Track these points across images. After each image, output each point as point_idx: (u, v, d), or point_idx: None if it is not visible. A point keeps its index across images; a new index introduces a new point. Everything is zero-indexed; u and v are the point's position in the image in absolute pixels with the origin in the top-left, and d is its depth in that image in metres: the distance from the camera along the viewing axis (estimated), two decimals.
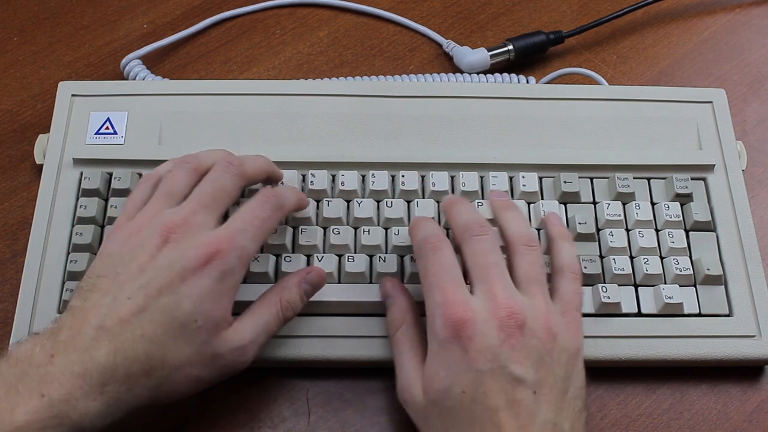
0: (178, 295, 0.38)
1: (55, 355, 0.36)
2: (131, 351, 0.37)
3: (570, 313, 0.41)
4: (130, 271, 0.38)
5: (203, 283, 0.38)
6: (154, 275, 0.38)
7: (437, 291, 0.39)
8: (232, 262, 0.39)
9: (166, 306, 0.37)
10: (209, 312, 0.38)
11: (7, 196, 0.54)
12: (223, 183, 0.42)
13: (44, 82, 0.59)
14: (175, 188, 0.42)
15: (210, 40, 0.62)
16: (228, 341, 0.39)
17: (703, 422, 0.47)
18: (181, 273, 0.38)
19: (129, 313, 0.37)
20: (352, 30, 0.63)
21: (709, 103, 0.54)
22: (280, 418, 0.46)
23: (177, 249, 0.39)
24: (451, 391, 0.37)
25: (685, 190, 0.50)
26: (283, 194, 0.43)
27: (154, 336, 0.37)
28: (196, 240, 0.39)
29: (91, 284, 0.39)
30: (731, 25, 0.64)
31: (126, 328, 0.37)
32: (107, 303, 0.37)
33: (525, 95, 0.54)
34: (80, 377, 0.35)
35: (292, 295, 0.43)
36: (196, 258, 0.38)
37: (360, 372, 0.47)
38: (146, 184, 0.44)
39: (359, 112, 0.52)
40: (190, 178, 0.43)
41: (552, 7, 0.65)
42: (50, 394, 0.35)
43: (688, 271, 0.48)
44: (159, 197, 0.42)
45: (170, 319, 0.37)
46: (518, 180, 0.50)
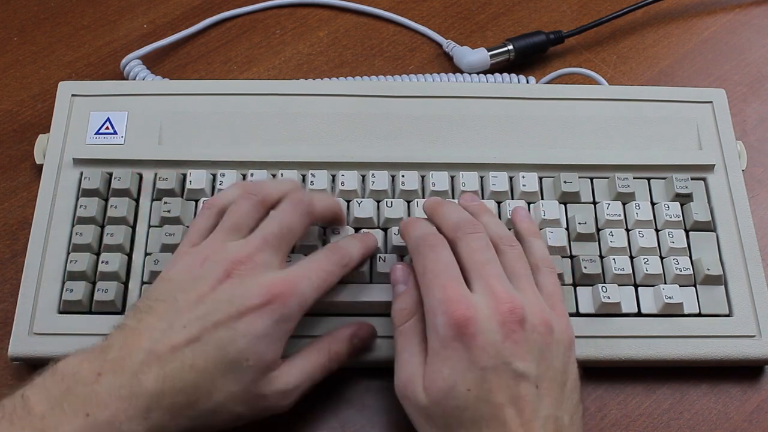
0: (235, 331, 0.37)
1: (103, 374, 0.36)
2: (179, 380, 0.36)
3: (557, 305, 0.41)
4: (189, 299, 0.38)
5: (261, 324, 0.38)
6: (212, 308, 0.38)
7: (437, 288, 0.39)
8: (292, 308, 0.39)
9: (221, 340, 0.37)
10: (262, 353, 0.38)
11: (7, 196, 0.54)
12: (290, 222, 0.42)
13: (44, 82, 0.59)
14: (242, 221, 0.42)
15: (210, 40, 0.62)
16: (274, 384, 0.39)
17: (703, 422, 0.47)
18: (241, 310, 0.38)
19: (182, 341, 0.37)
20: (352, 30, 0.63)
21: (709, 103, 0.54)
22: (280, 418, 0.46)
23: (239, 285, 0.39)
24: (455, 389, 0.37)
25: (685, 190, 0.50)
26: (351, 253, 0.44)
27: (204, 368, 0.37)
28: (260, 279, 0.39)
29: (148, 306, 0.39)
30: (731, 25, 0.65)
31: (177, 357, 0.37)
32: (162, 328, 0.37)
33: (525, 95, 0.54)
34: (126, 400, 0.35)
35: (341, 347, 0.43)
36: (257, 297, 0.38)
37: (360, 372, 0.47)
38: (210, 212, 0.43)
39: (359, 112, 0.52)
40: (257, 212, 0.43)
41: (552, 7, 0.65)
42: (95, 415, 0.35)
43: (688, 271, 0.48)
44: (225, 230, 0.42)
45: (222, 354, 0.37)
46: (518, 180, 0.50)
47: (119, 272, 0.47)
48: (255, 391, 0.39)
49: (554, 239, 0.48)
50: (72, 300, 0.46)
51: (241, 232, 0.42)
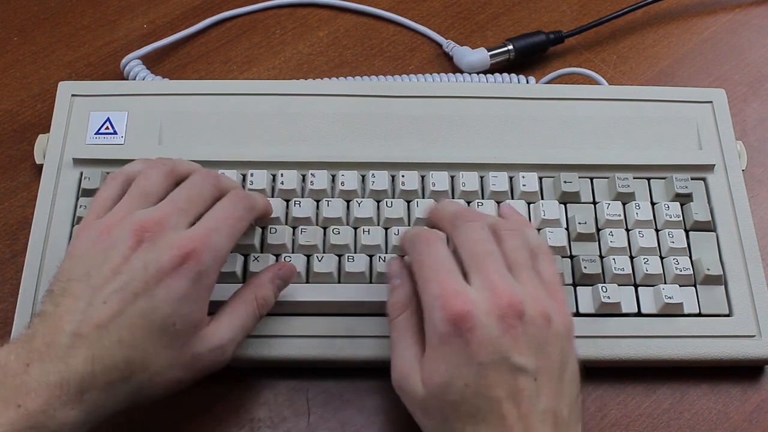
0: (155, 298, 0.37)
1: (31, 364, 0.35)
2: (109, 358, 0.36)
3: (556, 293, 0.41)
4: (103, 273, 0.37)
5: (179, 285, 0.37)
6: (129, 278, 0.37)
7: (434, 283, 0.39)
8: (207, 263, 0.38)
9: (143, 310, 0.37)
10: (187, 314, 0.38)
11: (7, 196, 0.54)
12: (200, 190, 0.41)
13: (44, 82, 0.59)
14: (149, 189, 0.41)
15: (210, 40, 0.62)
16: (207, 342, 0.39)
17: (703, 422, 0.47)
18: (156, 275, 0.37)
19: (105, 318, 0.36)
20: (352, 30, 0.63)
21: (709, 103, 0.54)
22: (280, 418, 0.46)
23: (151, 250, 0.38)
24: (453, 384, 0.37)
25: (685, 190, 0.50)
26: (253, 196, 0.44)
27: (132, 341, 0.36)
28: (171, 240, 0.38)
29: (62, 288, 0.38)
30: (731, 25, 0.65)
31: (103, 335, 0.36)
32: (81, 308, 0.36)
33: (525, 95, 0.54)
34: (57, 387, 0.35)
35: (266, 291, 0.43)
36: (170, 259, 0.37)
37: (360, 372, 0.47)
38: (114, 182, 0.42)
39: (359, 112, 0.52)
40: (165, 181, 0.42)
41: (552, 7, 0.65)
42: (27, 405, 0.34)
43: (688, 271, 0.48)
44: (132, 197, 0.41)
45: (148, 323, 0.37)
46: (518, 180, 0.50)
47: None
48: (189, 352, 0.38)
49: (554, 239, 0.48)
50: None
51: (148, 199, 0.41)
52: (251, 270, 0.46)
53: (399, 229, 0.48)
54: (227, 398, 0.46)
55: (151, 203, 0.41)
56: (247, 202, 0.42)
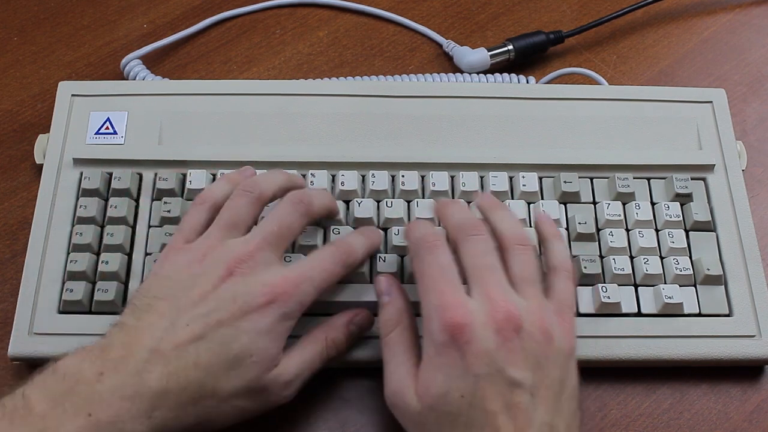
0: (238, 329, 0.38)
1: (105, 374, 0.35)
2: (184, 378, 0.36)
3: (564, 312, 0.41)
4: (190, 297, 0.38)
5: (264, 321, 0.38)
6: (215, 306, 0.38)
7: (434, 293, 0.39)
8: (294, 307, 0.40)
9: (225, 337, 0.38)
10: (265, 349, 0.39)
11: (7, 196, 0.54)
12: (290, 222, 0.42)
13: (44, 82, 0.59)
14: (239, 219, 0.42)
15: (210, 40, 0.62)
16: (277, 377, 0.40)
17: (703, 422, 0.47)
18: (244, 308, 0.38)
19: (186, 339, 0.37)
20: (352, 30, 0.63)
21: (709, 103, 0.54)
22: (280, 418, 0.46)
23: (242, 284, 0.39)
24: (449, 396, 0.37)
25: (685, 190, 0.50)
26: (355, 251, 0.43)
27: (208, 366, 0.37)
28: (263, 278, 0.39)
29: (147, 304, 0.38)
30: (731, 25, 0.65)
31: (181, 355, 0.37)
32: (164, 326, 0.37)
33: (525, 95, 0.54)
34: (129, 400, 0.35)
35: (338, 335, 0.43)
36: (261, 296, 0.38)
37: (360, 372, 0.47)
38: (201, 207, 0.43)
39: (359, 112, 0.52)
40: (254, 209, 0.43)
41: (552, 7, 0.65)
42: (97, 415, 0.34)
43: (688, 271, 0.48)
44: (221, 227, 0.42)
45: (226, 351, 0.37)
46: (518, 180, 0.50)
47: (119, 272, 0.47)
48: (258, 385, 0.39)
49: None
50: (72, 300, 0.46)
51: (238, 229, 0.42)
52: None
53: (399, 229, 0.48)
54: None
55: (240, 233, 0.42)
56: (347, 258, 0.43)
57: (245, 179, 0.44)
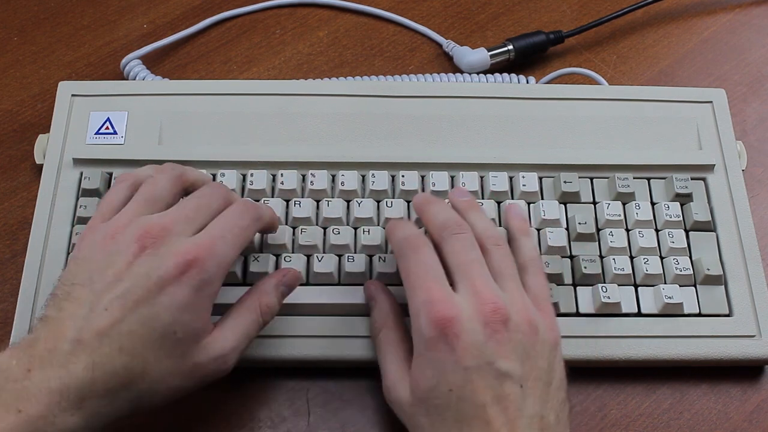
0: (157, 306, 0.36)
1: (32, 370, 0.35)
2: (110, 365, 0.36)
3: (543, 305, 0.41)
4: (105, 279, 0.37)
5: (182, 293, 0.37)
6: (131, 285, 0.37)
7: (420, 290, 0.39)
8: (211, 271, 0.38)
9: (144, 318, 0.36)
10: (189, 323, 0.37)
11: (7, 196, 0.54)
12: (209, 200, 0.41)
13: (44, 82, 0.59)
14: (156, 194, 0.41)
15: (210, 40, 0.62)
16: (209, 351, 0.38)
17: (703, 422, 0.47)
18: (159, 282, 0.37)
19: (106, 325, 0.36)
20: (352, 30, 0.63)
21: (709, 103, 0.54)
22: (280, 418, 0.46)
23: (155, 257, 0.37)
24: (438, 389, 0.37)
25: (685, 190, 0.50)
26: (260, 207, 0.43)
27: (132, 349, 0.36)
28: (175, 247, 0.38)
29: (66, 292, 0.37)
30: (731, 25, 0.64)
31: (104, 342, 0.36)
32: (83, 314, 0.36)
33: (525, 95, 0.54)
34: (57, 393, 0.35)
35: (270, 298, 0.42)
36: (174, 266, 0.37)
37: (360, 372, 0.47)
38: (122, 185, 0.42)
39: (359, 112, 0.52)
40: (174, 187, 0.42)
41: (552, 7, 0.65)
42: (27, 411, 0.34)
43: (688, 271, 0.48)
44: (139, 201, 0.40)
45: (149, 331, 0.36)
46: (518, 180, 0.50)
47: None
48: (190, 361, 0.38)
49: (554, 239, 0.48)
50: None
51: (155, 204, 0.40)
52: (251, 270, 0.46)
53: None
54: (228, 399, 0.46)
55: (157, 209, 0.40)
56: (254, 212, 0.42)
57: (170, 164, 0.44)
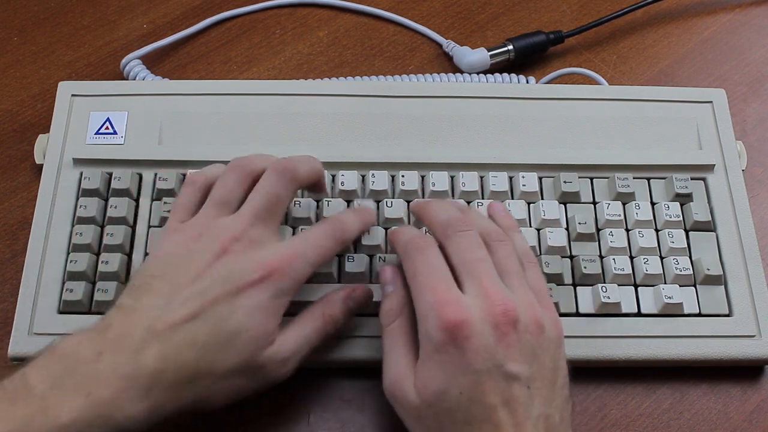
0: (233, 305, 0.38)
1: (103, 354, 0.36)
2: (180, 357, 0.37)
3: (545, 300, 0.41)
4: (186, 276, 0.38)
5: (259, 297, 0.38)
6: (210, 283, 0.38)
7: (428, 291, 0.39)
8: (288, 284, 0.39)
9: (220, 314, 0.37)
10: (260, 325, 0.38)
11: (7, 196, 0.54)
12: (277, 191, 0.42)
13: (44, 82, 0.59)
14: (230, 195, 0.42)
15: (210, 40, 0.62)
16: (273, 354, 0.39)
17: (703, 422, 0.47)
18: (239, 285, 0.38)
19: (181, 318, 0.37)
20: (352, 30, 0.63)
21: (709, 103, 0.54)
22: (280, 418, 0.46)
23: (236, 261, 0.39)
24: (448, 392, 0.37)
25: (685, 190, 0.50)
26: (348, 227, 0.43)
27: (204, 343, 0.37)
28: (257, 255, 0.39)
29: (144, 284, 0.39)
30: (731, 25, 0.65)
31: (177, 334, 0.37)
32: (160, 305, 0.37)
33: (525, 95, 0.54)
34: (127, 379, 0.35)
35: (335, 311, 0.43)
36: (255, 272, 0.38)
37: (360, 372, 0.47)
38: (192, 188, 0.44)
39: (359, 112, 0.52)
40: (243, 185, 0.43)
41: (552, 7, 0.65)
42: (97, 394, 0.35)
43: (688, 271, 0.48)
44: (213, 204, 0.42)
45: (222, 328, 0.37)
46: (518, 180, 0.50)
47: (119, 272, 0.47)
48: (254, 362, 0.39)
49: (554, 239, 0.48)
50: (72, 300, 0.46)
51: (229, 205, 0.42)
52: None
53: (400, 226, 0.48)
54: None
55: (231, 210, 0.42)
56: (340, 234, 0.42)
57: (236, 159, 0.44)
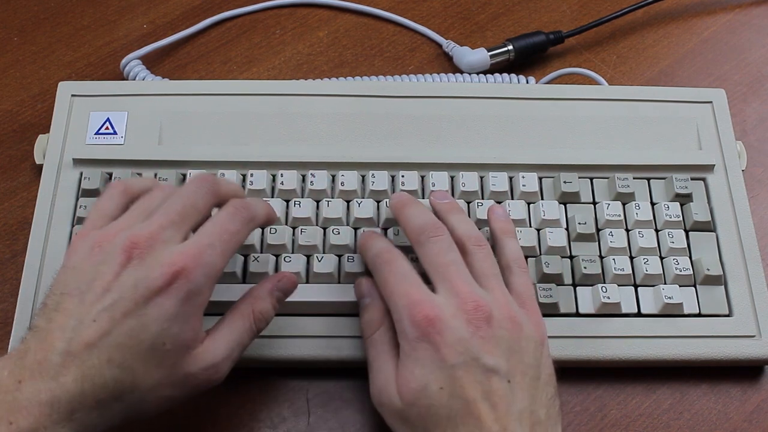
0: (144, 317, 0.36)
1: (23, 381, 0.35)
2: (99, 377, 0.35)
3: (528, 303, 0.41)
4: (94, 290, 0.36)
5: (169, 304, 0.36)
6: (118, 296, 0.36)
7: (399, 296, 0.39)
8: (199, 281, 0.37)
9: (132, 329, 0.36)
10: (177, 334, 0.37)
11: (7, 196, 0.54)
12: (194, 199, 0.40)
13: (44, 82, 0.59)
14: (153, 207, 0.40)
15: (210, 40, 0.62)
16: (200, 361, 0.38)
17: (703, 422, 0.47)
18: (146, 294, 0.36)
19: (95, 337, 0.35)
20: (352, 30, 0.63)
21: (709, 103, 0.54)
22: (280, 418, 0.46)
23: (141, 267, 0.36)
24: (428, 389, 0.37)
25: (685, 190, 0.50)
26: (253, 206, 0.41)
27: (122, 361, 0.35)
28: (161, 257, 0.37)
29: (56, 302, 0.37)
30: (731, 25, 0.64)
31: (93, 354, 0.35)
32: (72, 326, 0.36)
33: (525, 95, 0.54)
34: (48, 405, 0.34)
35: (264, 305, 0.41)
36: (161, 277, 0.36)
37: (360, 372, 0.46)
38: (114, 192, 0.41)
39: (359, 112, 0.52)
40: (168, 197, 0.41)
41: (552, 7, 0.65)
42: (18, 423, 0.34)
43: (688, 271, 0.48)
44: (132, 214, 0.40)
45: (137, 343, 0.36)
46: (518, 180, 0.50)
47: None
48: (181, 372, 0.37)
49: (554, 239, 0.48)
50: None
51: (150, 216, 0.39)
52: (251, 270, 0.46)
53: (399, 230, 0.48)
54: (227, 399, 0.46)
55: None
56: (245, 213, 0.40)
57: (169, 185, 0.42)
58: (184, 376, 0.37)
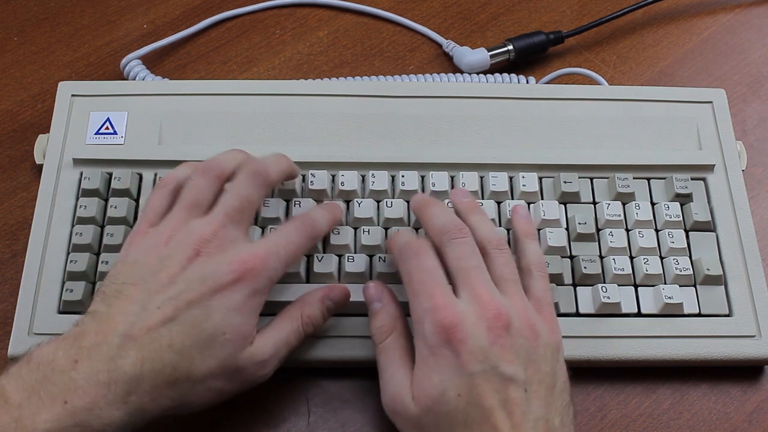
0: (209, 308, 0.38)
1: (79, 361, 0.35)
2: (158, 362, 0.37)
3: (545, 309, 0.42)
4: (159, 280, 0.38)
5: (234, 298, 0.38)
6: (185, 287, 0.38)
7: (424, 296, 0.39)
8: (263, 282, 0.40)
9: (196, 318, 0.38)
10: (238, 327, 0.39)
11: (7, 196, 0.54)
12: (249, 194, 0.42)
13: (44, 82, 0.59)
14: (200, 198, 0.42)
15: (210, 40, 0.62)
16: (252, 355, 0.40)
17: (703, 422, 0.47)
18: (213, 287, 0.38)
19: (158, 322, 0.37)
20: (352, 30, 0.63)
21: (709, 103, 0.54)
22: (280, 418, 0.46)
23: (209, 263, 0.39)
24: (446, 395, 0.37)
25: (685, 190, 0.50)
26: (319, 223, 0.44)
27: (181, 347, 0.37)
28: (229, 256, 0.39)
29: (116, 290, 0.38)
30: (731, 25, 0.65)
31: (154, 338, 0.37)
32: (135, 311, 0.37)
33: (525, 95, 0.54)
34: (105, 386, 0.35)
35: (313, 311, 0.43)
36: (230, 273, 0.38)
37: (360, 372, 0.47)
38: (164, 191, 0.43)
39: (359, 112, 0.52)
40: (214, 187, 0.43)
41: (552, 7, 0.65)
42: (73, 402, 0.34)
43: (688, 271, 0.48)
44: (184, 206, 0.42)
45: (199, 331, 0.37)
46: (518, 180, 0.50)
47: None
48: (233, 364, 0.39)
49: (554, 239, 0.48)
50: (72, 300, 0.46)
51: (200, 208, 0.42)
52: None
53: (399, 230, 0.48)
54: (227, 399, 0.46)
55: (202, 212, 0.42)
56: (311, 230, 0.43)
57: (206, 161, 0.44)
58: (236, 369, 0.39)
